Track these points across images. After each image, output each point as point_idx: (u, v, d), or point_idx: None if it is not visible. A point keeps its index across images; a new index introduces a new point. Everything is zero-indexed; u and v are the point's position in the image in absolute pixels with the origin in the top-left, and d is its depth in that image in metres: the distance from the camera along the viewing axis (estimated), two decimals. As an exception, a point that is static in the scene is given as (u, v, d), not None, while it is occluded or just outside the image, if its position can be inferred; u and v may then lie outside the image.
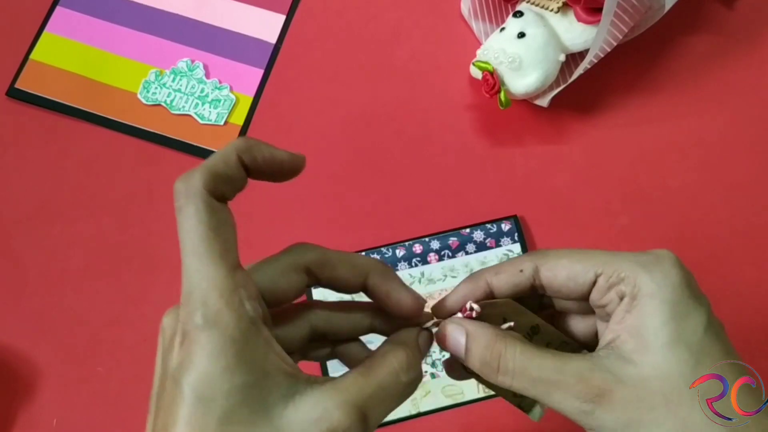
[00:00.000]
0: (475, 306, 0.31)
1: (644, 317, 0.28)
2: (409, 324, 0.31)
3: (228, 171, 0.30)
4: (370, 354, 0.29)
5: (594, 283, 0.30)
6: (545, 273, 0.31)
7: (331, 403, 0.25)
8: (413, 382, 0.28)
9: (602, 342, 0.30)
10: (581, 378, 0.28)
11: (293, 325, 0.30)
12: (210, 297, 0.26)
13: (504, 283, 0.32)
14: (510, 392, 0.32)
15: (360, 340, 0.33)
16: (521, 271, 0.32)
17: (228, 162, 0.30)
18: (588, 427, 0.29)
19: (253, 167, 0.30)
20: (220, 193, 0.29)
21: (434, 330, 0.32)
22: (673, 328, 0.28)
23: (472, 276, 0.33)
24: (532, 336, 0.34)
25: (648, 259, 0.29)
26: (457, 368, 0.33)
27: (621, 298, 0.29)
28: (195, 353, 0.25)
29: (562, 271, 0.31)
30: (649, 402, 0.28)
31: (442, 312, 0.33)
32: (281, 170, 0.32)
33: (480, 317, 0.31)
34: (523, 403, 0.33)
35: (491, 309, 0.32)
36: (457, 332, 0.30)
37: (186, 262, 0.27)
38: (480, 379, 0.32)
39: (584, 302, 0.32)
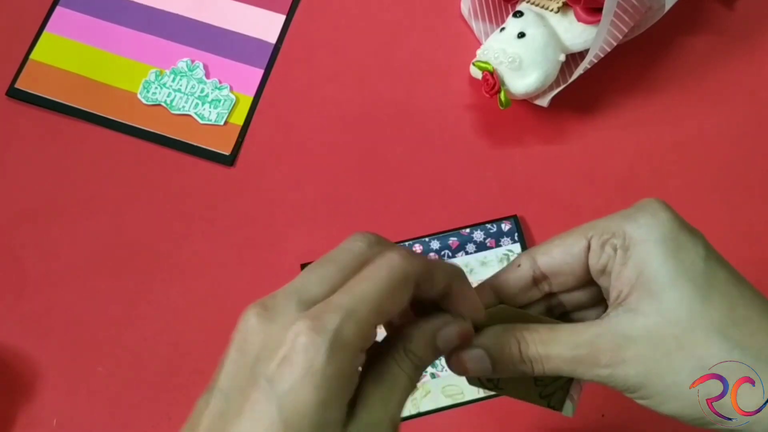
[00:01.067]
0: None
1: (640, 264, 0.28)
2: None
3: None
4: (384, 365, 0.28)
5: (588, 248, 0.30)
6: (541, 258, 0.31)
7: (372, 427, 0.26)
8: (413, 385, 0.29)
9: (610, 303, 0.30)
10: (592, 346, 0.28)
11: None
12: (346, 328, 0.25)
13: (505, 283, 0.32)
14: (536, 393, 0.33)
15: None
16: (519, 266, 0.32)
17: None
18: (613, 386, 0.29)
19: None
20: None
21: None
22: (672, 266, 0.28)
23: (476, 288, 0.32)
24: None
25: (633, 209, 0.30)
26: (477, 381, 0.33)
27: (616, 252, 0.29)
28: (301, 373, 0.24)
29: (556, 250, 0.31)
30: (664, 348, 0.27)
31: None
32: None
33: (480, 328, 0.31)
34: (552, 401, 0.33)
35: (488, 321, 0.32)
36: (475, 356, 0.31)
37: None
38: (508, 390, 0.33)
39: (591, 286, 0.32)
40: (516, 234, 0.51)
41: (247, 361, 0.25)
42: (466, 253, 0.51)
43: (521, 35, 0.50)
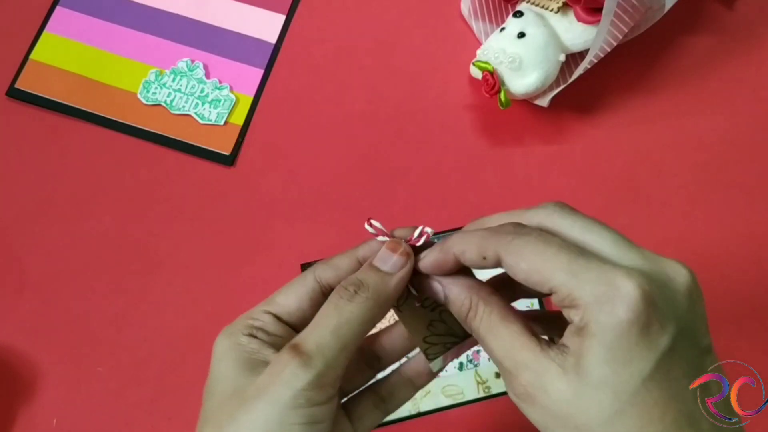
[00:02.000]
0: (429, 230, 0.33)
1: (585, 350, 0.27)
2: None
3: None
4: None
5: (550, 292, 0.29)
6: (507, 262, 0.30)
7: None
8: (354, 304, 0.31)
9: (564, 335, 0.29)
10: (518, 371, 0.28)
11: None
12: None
13: (470, 263, 0.31)
14: (422, 335, 0.34)
15: None
16: (484, 258, 0.30)
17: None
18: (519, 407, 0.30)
19: None
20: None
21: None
22: (606, 372, 0.27)
23: (442, 248, 0.32)
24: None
25: (604, 292, 0.27)
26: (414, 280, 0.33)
27: (572, 321, 0.28)
28: (281, 379, 0.29)
29: (521, 271, 0.29)
30: (560, 422, 0.28)
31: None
32: None
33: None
34: (429, 350, 0.34)
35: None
36: (435, 284, 0.33)
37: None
38: (404, 316, 0.34)
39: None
40: (516, 234, 0.51)
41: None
42: (466, 253, 0.51)
43: (521, 35, 0.50)
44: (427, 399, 0.48)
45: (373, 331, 0.33)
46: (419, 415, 0.47)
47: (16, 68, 0.56)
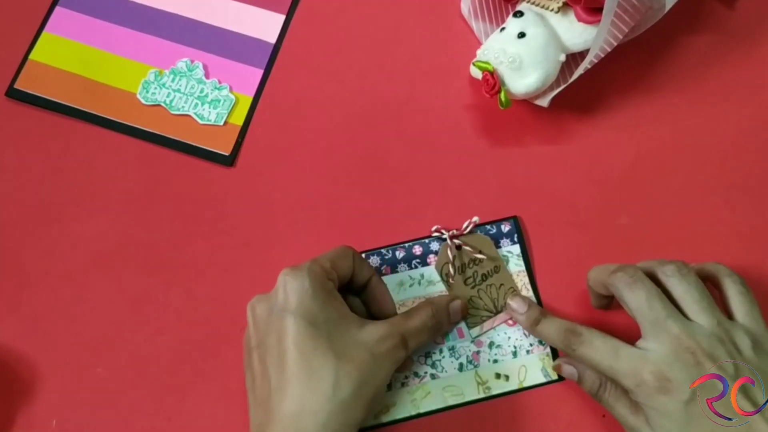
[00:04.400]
0: (446, 235, 0.50)
1: (648, 414, 0.41)
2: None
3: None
4: (415, 306, 0.46)
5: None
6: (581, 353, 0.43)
7: (386, 330, 0.42)
8: (435, 328, 0.46)
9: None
10: (636, 370, 0.40)
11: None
12: (313, 266, 0.42)
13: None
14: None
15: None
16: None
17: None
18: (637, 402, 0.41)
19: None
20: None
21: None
22: (654, 421, 0.40)
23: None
24: (492, 274, 0.49)
25: (635, 380, 0.40)
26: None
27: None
28: (300, 294, 0.40)
29: (592, 361, 0.43)
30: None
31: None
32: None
33: (459, 247, 0.50)
34: (469, 320, 0.49)
35: (469, 238, 0.50)
36: (569, 368, 0.46)
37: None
38: (454, 289, 0.50)
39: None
40: (516, 235, 0.51)
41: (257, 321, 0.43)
42: (466, 253, 0.51)
43: (521, 35, 0.50)
44: (427, 399, 0.48)
45: None
46: (419, 415, 0.47)
47: (15, 68, 0.56)
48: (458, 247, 0.50)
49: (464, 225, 0.50)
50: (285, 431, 0.38)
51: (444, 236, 0.50)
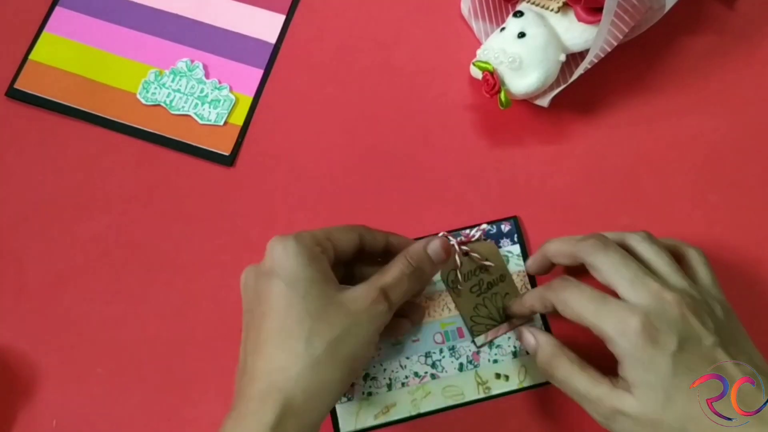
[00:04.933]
0: (454, 242, 0.50)
1: (625, 370, 0.39)
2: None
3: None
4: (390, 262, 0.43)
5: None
6: (558, 309, 0.42)
7: (364, 287, 0.41)
8: (416, 274, 0.43)
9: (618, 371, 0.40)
10: (601, 401, 0.40)
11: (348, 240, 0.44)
12: (302, 233, 0.41)
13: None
14: (470, 316, 0.49)
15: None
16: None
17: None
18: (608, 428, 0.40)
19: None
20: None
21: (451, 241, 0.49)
22: (642, 376, 0.38)
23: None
24: (498, 283, 0.49)
25: (620, 327, 0.39)
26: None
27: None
28: (282, 256, 0.40)
29: (568, 314, 0.42)
30: (638, 423, 0.39)
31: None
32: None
33: (467, 253, 0.50)
34: (474, 328, 0.49)
35: (477, 245, 0.50)
36: (529, 336, 0.45)
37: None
38: (459, 299, 0.49)
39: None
40: (516, 235, 0.51)
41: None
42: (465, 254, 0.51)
43: (521, 35, 0.50)
44: (427, 400, 0.48)
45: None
46: (419, 416, 0.47)
47: (15, 68, 0.56)
48: (465, 254, 0.50)
49: (472, 232, 0.50)
50: (258, 388, 0.38)
51: (451, 242, 0.49)
